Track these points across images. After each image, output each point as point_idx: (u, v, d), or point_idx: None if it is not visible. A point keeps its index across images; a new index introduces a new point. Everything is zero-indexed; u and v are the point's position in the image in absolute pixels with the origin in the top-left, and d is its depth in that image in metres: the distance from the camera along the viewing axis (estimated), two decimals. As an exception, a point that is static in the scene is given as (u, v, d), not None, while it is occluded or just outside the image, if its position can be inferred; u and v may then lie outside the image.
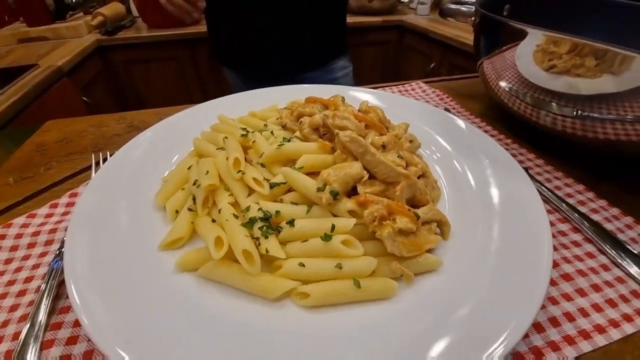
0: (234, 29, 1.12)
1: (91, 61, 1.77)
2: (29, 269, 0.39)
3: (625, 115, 0.47)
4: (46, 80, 1.36)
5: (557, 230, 0.44)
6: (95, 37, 1.83)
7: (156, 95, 2.09)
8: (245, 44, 1.14)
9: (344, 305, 0.32)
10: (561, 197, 0.48)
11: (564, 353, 0.31)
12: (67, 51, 1.60)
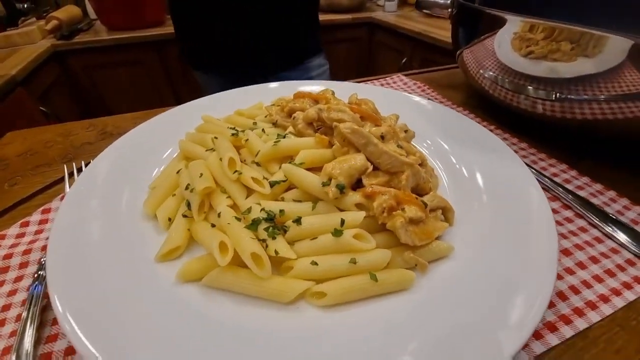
0: (204, 31, 1.08)
1: (47, 68, 1.63)
2: (4, 296, 0.34)
3: (600, 95, 0.50)
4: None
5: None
6: (50, 42, 1.70)
7: (124, 101, 1.97)
8: (215, 47, 1.10)
9: (360, 302, 0.31)
10: (549, 177, 0.50)
11: (576, 325, 0.32)
12: (20, 59, 1.46)
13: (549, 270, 0.29)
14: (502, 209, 0.39)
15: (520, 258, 0.32)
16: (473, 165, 0.47)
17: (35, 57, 1.52)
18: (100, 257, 0.32)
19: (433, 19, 2.15)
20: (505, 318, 0.27)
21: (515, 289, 0.29)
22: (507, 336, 0.25)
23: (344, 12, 2.29)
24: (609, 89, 0.48)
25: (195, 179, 0.38)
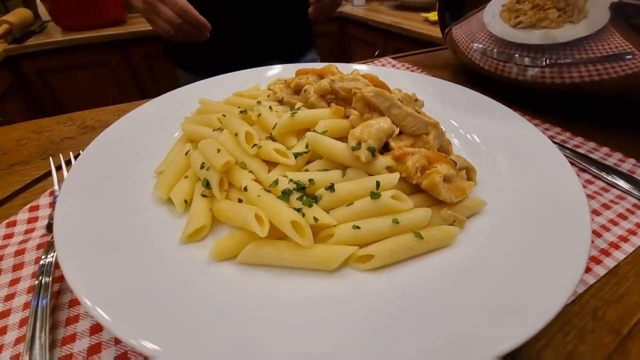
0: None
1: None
2: (1, 301, 0.30)
3: (586, 58, 0.53)
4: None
5: (556, 166, 0.48)
6: (1, 47, 1.53)
7: (88, 105, 1.82)
8: (206, 47, 1.04)
9: (402, 263, 0.30)
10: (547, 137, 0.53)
11: (606, 264, 0.33)
12: (-37, 62, 1.31)
13: (583, 217, 0.30)
14: (520, 166, 0.39)
15: (552, 209, 0.32)
16: (481, 129, 0.48)
17: (-18, 61, 1.37)
18: (118, 246, 0.29)
19: (401, 11, 2.21)
20: (551, 266, 0.27)
21: (556, 239, 0.29)
22: (556, 282, 0.25)
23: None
24: (595, 51, 0.51)
25: (212, 156, 0.35)
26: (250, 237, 0.30)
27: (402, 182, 0.34)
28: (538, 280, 0.25)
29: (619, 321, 0.28)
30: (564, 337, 0.27)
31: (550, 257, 0.27)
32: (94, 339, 0.27)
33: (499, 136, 0.45)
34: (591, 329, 0.28)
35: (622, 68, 0.51)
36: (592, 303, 0.30)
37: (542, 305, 0.23)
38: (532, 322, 0.22)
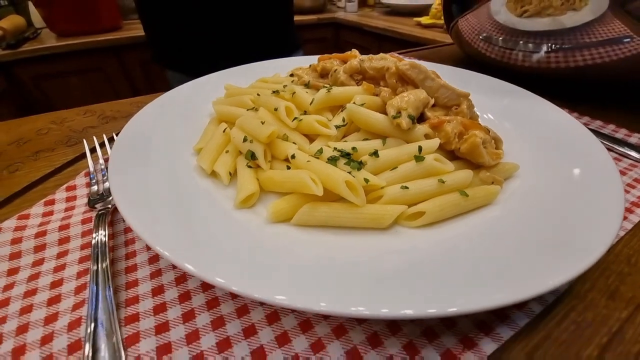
0: (179, 34, 1.06)
1: (-11, 78, 1.45)
2: (51, 272, 0.30)
3: (589, 42, 0.56)
4: None
5: (569, 140, 0.51)
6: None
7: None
8: (192, 48, 1.07)
9: (448, 222, 0.31)
10: (559, 117, 0.56)
11: (632, 219, 0.35)
12: (-45, 66, 1.28)
13: (615, 175, 0.32)
14: (543, 136, 0.42)
15: (582, 168, 0.35)
16: (496, 108, 0.50)
17: (-25, 65, 1.34)
18: (180, 208, 0.29)
19: (392, 16, 2.29)
20: (593, 209, 0.29)
21: (592, 190, 0.31)
22: (602, 221, 0.27)
23: (307, 13, 2.34)
24: (596, 35, 0.55)
25: (255, 128, 0.36)
26: (304, 199, 0.31)
27: (438, 149, 0.36)
28: (585, 220, 0.27)
29: (652, 266, 0.30)
30: (606, 280, 0.29)
31: (590, 203, 0.29)
32: (157, 300, 0.27)
33: (513, 111, 0.48)
34: (628, 272, 0.30)
35: (622, 51, 0.54)
36: (625, 252, 0.32)
37: (593, 240, 0.25)
38: (587, 256, 0.24)
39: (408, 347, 0.24)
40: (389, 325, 0.25)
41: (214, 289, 0.28)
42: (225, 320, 0.25)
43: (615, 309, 0.27)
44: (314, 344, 0.24)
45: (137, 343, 0.24)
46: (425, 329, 0.25)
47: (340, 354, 0.23)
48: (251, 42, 1.10)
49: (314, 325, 0.25)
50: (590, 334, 0.25)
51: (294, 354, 0.23)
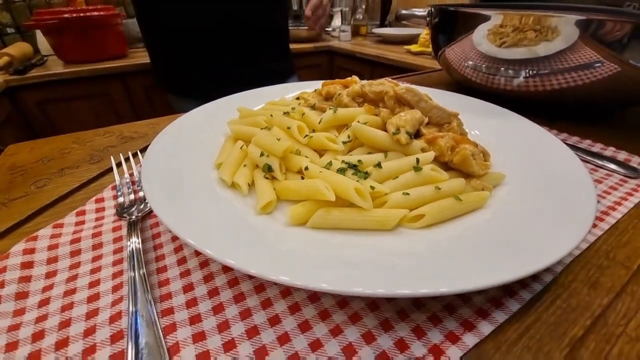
0: (182, 61, 1.15)
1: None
2: (88, 274, 0.32)
3: (562, 68, 0.63)
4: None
5: (550, 154, 0.56)
6: (2, 78, 1.56)
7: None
8: (200, 74, 1.16)
9: (445, 224, 0.35)
10: (540, 134, 0.62)
11: (608, 221, 0.40)
12: (-34, 92, 1.33)
13: (587, 179, 0.37)
14: (524, 148, 0.47)
15: (559, 175, 0.39)
16: (484, 127, 0.56)
17: (-15, 91, 1.39)
18: (207, 213, 0.33)
19: (383, 44, 2.43)
20: (573, 204, 0.33)
21: (570, 190, 0.36)
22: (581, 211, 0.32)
23: (304, 42, 2.48)
24: (569, 62, 0.62)
25: (272, 144, 0.41)
26: (318, 205, 0.35)
27: (433, 161, 0.41)
28: (562, 218, 0.31)
29: (628, 260, 0.34)
30: (587, 272, 0.33)
31: (566, 204, 0.34)
32: (188, 296, 0.30)
33: (498, 129, 0.54)
34: (607, 265, 0.34)
35: (594, 74, 0.61)
36: (604, 248, 0.36)
37: (571, 233, 0.29)
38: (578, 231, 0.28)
39: (416, 330, 0.27)
40: (398, 312, 0.28)
41: (240, 285, 0.31)
42: (252, 312, 0.28)
43: (597, 296, 0.31)
44: (332, 330, 0.27)
45: (174, 331, 0.27)
46: (431, 315, 0.28)
47: (355, 337, 0.26)
48: (249, 69, 1.19)
49: (331, 314, 0.28)
50: (575, 317, 0.28)
51: (315, 339, 0.26)
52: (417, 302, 0.29)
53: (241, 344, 0.26)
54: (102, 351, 0.26)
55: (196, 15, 1.04)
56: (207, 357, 0.25)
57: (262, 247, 0.29)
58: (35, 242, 0.35)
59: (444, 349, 0.25)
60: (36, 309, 0.29)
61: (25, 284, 0.31)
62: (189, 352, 0.25)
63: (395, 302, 0.29)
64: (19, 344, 0.26)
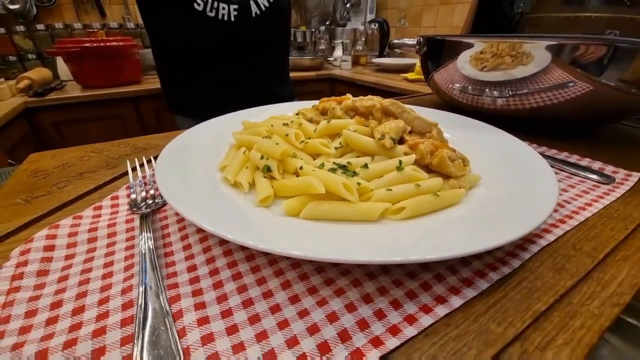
0: (196, 87, 1.25)
1: (17, 124, 1.59)
2: (103, 257, 0.36)
3: (538, 88, 0.69)
4: (-32, 141, 1.18)
5: (529, 164, 0.60)
6: (22, 99, 1.67)
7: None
8: (208, 97, 1.26)
9: (425, 216, 0.39)
10: (520, 147, 0.67)
11: (578, 219, 0.43)
12: (-10, 112, 1.42)
13: (550, 174, 0.42)
14: (501, 157, 0.52)
15: (526, 179, 0.44)
16: (463, 138, 0.61)
17: (7, 112, 1.49)
18: (218, 206, 0.37)
19: (382, 73, 2.57)
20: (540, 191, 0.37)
21: (534, 191, 0.40)
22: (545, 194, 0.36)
23: (308, 70, 2.63)
24: (544, 83, 0.68)
25: (272, 148, 0.45)
26: (310, 198, 0.39)
27: (415, 164, 0.46)
28: (527, 204, 0.35)
29: (594, 250, 0.38)
30: (554, 260, 0.36)
31: (535, 193, 0.38)
32: (192, 274, 0.34)
33: (478, 139, 0.59)
34: (573, 254, 0.37)
35: (568, 94, 0.67)
36: (571, 240, 0.39)
37: (534, 216, 0.33)
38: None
39: (394, 302, 0.30)
40: (379, 289, 0.31)
41: (237, 266, 0.34)
42: (247, 287, 0.32)
43: (561, 279, 0.34)
44: (319, 302, 0.30)
45: (178, 301, 0.30)
46: (408, 291, 0.31)
47: (339, 307, 0.29)
48: (253, 94, 1.28)
49: (318, 290, 0.31)
50: (539, 295, 0.31)
51: (302, 309, 0.29)
52: (396, 281, 0.33)
53: (237, 312, 0.29)
54: (114, 316, 0.29)
55: (203, 45, 1.14)
56: (207, 321, 0.28)
57: (259, 227, 0.33)
58: (57, 230, 0.39)
59: (417, 317, 0.28)
60: (55, 283, 0.33)
61: (47, 263, 0.35)
62: (190, 317, 0.28)
63: (377, 280, 0.33)
64: (38, 312, 0.30)
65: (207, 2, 1.07)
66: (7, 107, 1.54)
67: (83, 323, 0.28)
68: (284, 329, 0.28)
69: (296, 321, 0.28)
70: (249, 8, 1.15)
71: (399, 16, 3.08)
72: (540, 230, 0.41)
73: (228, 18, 1.12)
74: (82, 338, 0.27)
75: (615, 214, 0.45)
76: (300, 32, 2.95)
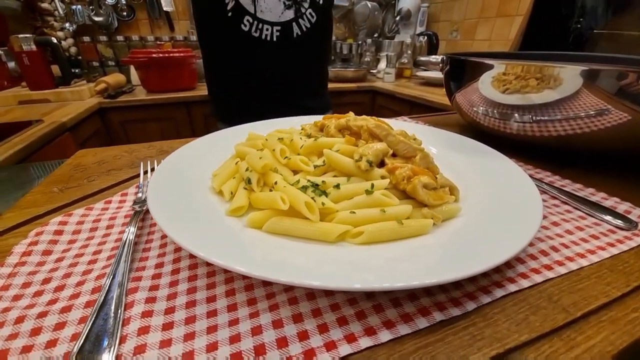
0: (238, 99, 1.35)
1: (91, 120, 1.87)
2: (96, 245, 0.42)
3: (566, 115, 0.63)
4: (51, 134, 1.42)
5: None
6: (97, 100, 1.97)
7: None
8: (247, 109, 1.35)
9: (389, 243, 0.38)
10: (536, 178, 0.60)
11: (569, 267, 0.38)
12: (72, 110, 1.70)
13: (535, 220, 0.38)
14: (495, 191, 0.48)
15: (516, 211, 0.40)
16: (469, 165, 0.58)
17: (85, 110, 1.77)
18: (185, 209, 0.41)
19: (425, 86, 2.49)
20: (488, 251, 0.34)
21: (510, 231, 0.37)
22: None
23: (349, 82, 2.66)
24: (573, 109, 0.62)
25: (255, 161, 0.49)
26: (276, 213, 0.41)
27: (394, 190, 0.45)
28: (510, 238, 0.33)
29: (573, 305, 0.33)
30: (517, 309, 0.33)
31: (512, 232, 0.35)
32: (157, 270, 0.38)
33: (479, 167, 0.55)
34: (544, 306, 0.33)
35: (601, 122, 0.60)
36: (550, 290, 0.35)
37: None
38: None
39: (322, 326, 0.30)
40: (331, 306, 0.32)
41: (197, 269, 0.38)
42: (197, 289, 0.35)
43: (517, 332, 0.31)
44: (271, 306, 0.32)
45: (135, 292, 0.34)
46: (340, 317, 0.31)
47: (286, 315, 0.31)
48: (290, 106, 1.34)
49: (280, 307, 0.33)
50: (482, 345, 0.29)
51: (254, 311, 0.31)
52: (334, 305, 0.33)
53: (179, 311, 0.32)
54: (82, 297, 0.34)
55: (246, 62, 1.24)
56: (150, 315, 0.31)
57: (218, 237, 0.36)
58: (69, 217, 0.47)
59: (338, 345, 0.28)
60: (52, 263, 0.39)
61: (52, 245, 0.42)
62: (138, 308, 0.32)
63: (315, 300, 0.33)
64: (32, 284, 0.36)
65: (252, 23, 1.17)
66: (85, 105, 1.83)
67: (59, 299, 0.34)
68: (210, 334, 0.30)
69: (224, 329, 0.30)
70: (291, 29, 1.22)
71: (451, 29, 2.97)
72: (516, 274, 0.37)
73: (271, 38, 1.20)
74: (52, 312, 0.32)
75: (620, 267, 0.39)
76: (347, 44, 3.00)
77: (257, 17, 1.16)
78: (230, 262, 0.30)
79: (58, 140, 1.51)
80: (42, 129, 1.40)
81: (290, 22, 1.21)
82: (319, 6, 1.24)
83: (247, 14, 1.15)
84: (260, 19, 1.17)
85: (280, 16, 1.19)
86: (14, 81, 2.09)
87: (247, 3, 1.14)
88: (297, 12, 1.21)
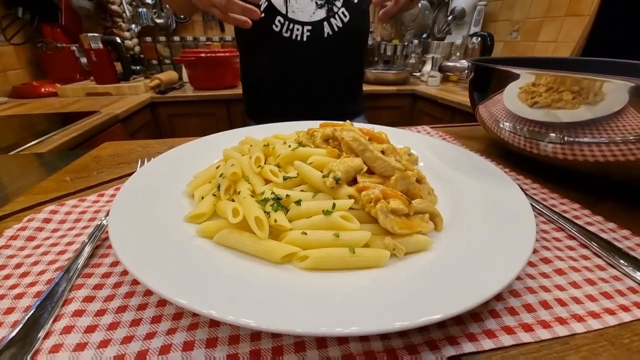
0: (268, 99, 1.37)
1: (142, 113, 2.06)
2: (72, 237, 0.45)
3: (606, 138, 0.52)
4: (104, 124, 1.60)
5: (552, 236, 0.46)
6: (150, 95, 2.17)
7: (191, 144, 2.34)
8: (276, 110, 1.37)
9: (339, 271, 0.35)
10: (555, 211, 0.51)
11: (555, 331, 0.31)
12: (126, 103, 1.90)
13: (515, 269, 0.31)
14: (487, 226, 0.41)
15: (496, 251, 0.34)
16: (470, 189, 0.50)
17: (137, 103, 1.95)
18: (147, 212, 0.42)
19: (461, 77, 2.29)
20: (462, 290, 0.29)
21: (477, 278, 0.31)
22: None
23: (390, 85, 2.56)
24: (616, 131, 0.51)
25: (228, 168, 0.48)
26: (228, 225, 0.40)
27: (362, 212, 0.41)
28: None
29: (540, 383, 0.27)
30: (466, 375, 0.27)
31: (479, 280, 0.29)
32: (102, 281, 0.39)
33: (479, 191, 0.48)
34: (501, 378, 0.27)
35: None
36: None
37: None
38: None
39: (255, 352, 0.28)
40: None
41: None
42: (134, 295, 0.35)
43: (455, 405, 0.25)
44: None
45: (79, 290, 0.35)
46: (277, 347, 0.29)
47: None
48: (321, 109, 1.33)
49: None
50: (402, 413, 0.25)
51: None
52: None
53: (107, 315, 0.33)
54: (36, 286, 0.36)
55: (276, 62, 1.25)
56: (80, 314, 0.32)
57: (162, 248, 0.36)
58: (61, 207, 0.51)
59: (238, 381, 0.26)
60: (30, 249, 0.43)
61: (37, 232, 0.46)
62: (74, 306, 0.33)
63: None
64: (6, 267, 0.39)
65: (283, 24, 1.18)
66: (139, 99, 2.03)
67: (19, 285, 0.37)
68: (126, 344, 0.30)
69: (139, 341, 0.30)
70: (322, 29, 1.21)
71: (511, 29, 2.69)
72: (480, 331, 0.31)
73: (301, 38, 1.20)
74: (8, 297, 0.35)
75: (625, 340, 0.30)
76: (391, 45, 2.89)
77: (289, 17, 1.17)
78: (169, 293, 0.28)
79: (111, 130, 1.69)
80: (97, 119, 1.58)
81: (321, 21, 1.19)
82: (353, 5, 1.21)
83: (279, 14, 1.16)
84: (291, 19, 1.17)
85: (311, 16, 1.18)
86: (85, 75, 2.39)
87: (279, 4, 1.15)
88: (329, 11, 1.19)
